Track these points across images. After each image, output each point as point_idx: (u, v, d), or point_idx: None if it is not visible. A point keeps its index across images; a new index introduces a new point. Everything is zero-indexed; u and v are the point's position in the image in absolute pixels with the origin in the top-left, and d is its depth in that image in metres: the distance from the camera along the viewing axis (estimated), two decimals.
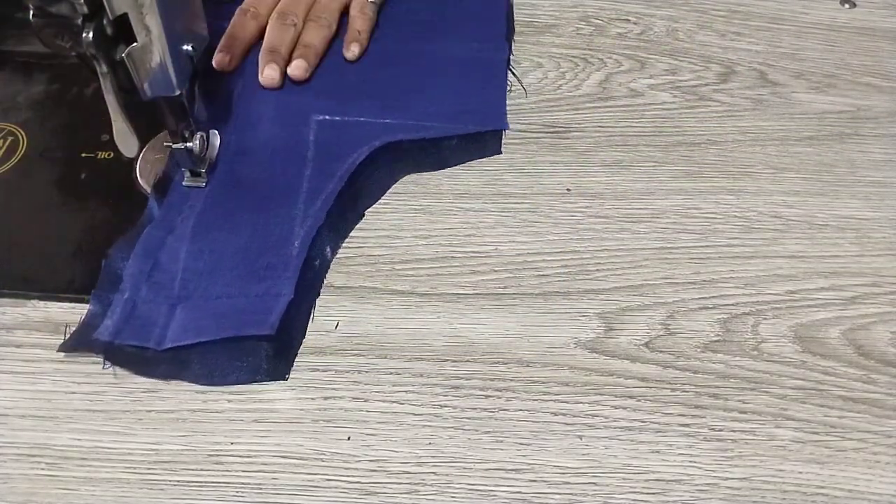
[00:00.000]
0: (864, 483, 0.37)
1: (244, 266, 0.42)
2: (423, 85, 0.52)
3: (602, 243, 0.45)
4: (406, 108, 0.50)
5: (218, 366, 0.40)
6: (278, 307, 0.40)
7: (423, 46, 0.55)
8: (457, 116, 0.50)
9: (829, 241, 0.46)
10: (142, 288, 0.41)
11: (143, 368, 0.40)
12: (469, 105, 0.51)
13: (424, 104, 0.50)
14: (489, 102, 0.51)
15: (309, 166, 0.47)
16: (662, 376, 0.40)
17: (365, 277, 0.44)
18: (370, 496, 0.36)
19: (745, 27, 0.58)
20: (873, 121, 0.52)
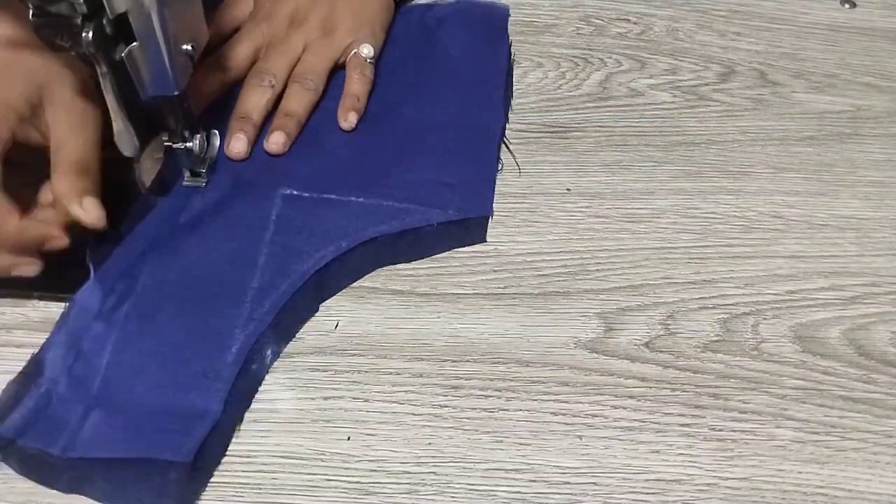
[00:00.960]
0: (864, 483, 0.37)
1: (173, 369, 0.38)
2: (405, 157, 0.47)
3: (602, 243, 0.45)
4: (383, 184, 0.45)
5: (121, 483, 0.35)
6: (199, 431, 0.36)
7: (409, 111, 0.50)
8: (438, 197, 0.45)
9: (829, 241, 0.46)
10: (60, 381, 0.37)
11: (41, 475, 0.36)
12: (453, 185, 0.46)
13: (404, 181, 0.45)
14: (475, 183, 0.46)
15: (264, 253, 0.42)
16: (662, 376, 0.40)
17: (365, 277, 0.44)
18: (370, 496, 0.36)
19: (745, 27, 0.58)
20: (873, 121, 0.52)
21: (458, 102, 0.50)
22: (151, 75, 0.40)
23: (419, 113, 0.50)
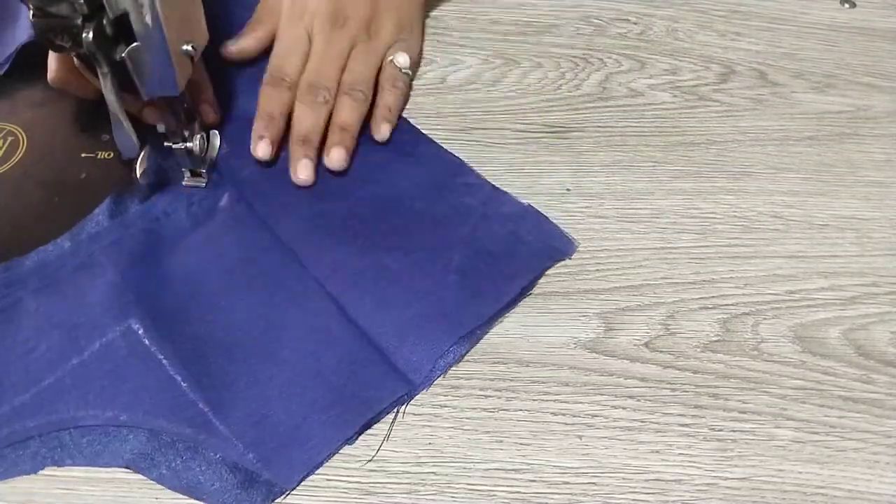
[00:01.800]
0: (863, 483, 0.37)
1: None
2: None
3: (602, 243, 0.45)
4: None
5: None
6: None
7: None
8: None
9: (829, 241, 0.46)
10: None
11: None
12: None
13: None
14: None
15: None
16: (662, 376, 0.40)
17: None
18: (370, 496, 0.36)
19: (745, 27, 0.58)
20: (873, 121, 0.52)
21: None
22: (151, 75, 0.40)
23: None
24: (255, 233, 0.44)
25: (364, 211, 0.45)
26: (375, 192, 0.46)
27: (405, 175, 0.47)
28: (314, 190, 0.46)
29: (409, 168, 0.47)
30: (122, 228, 0.44)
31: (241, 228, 0.44)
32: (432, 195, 0.46)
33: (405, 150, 0.48)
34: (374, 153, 0.48)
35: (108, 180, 0.47)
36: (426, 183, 0.46)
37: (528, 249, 0.44)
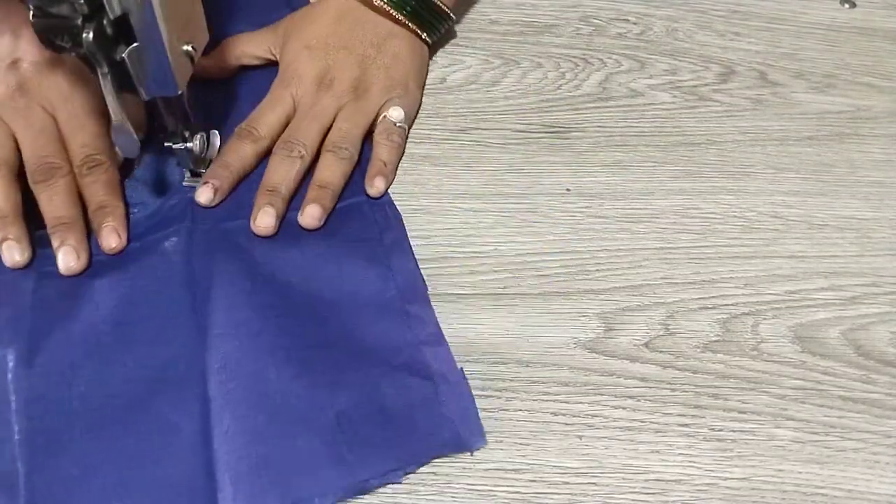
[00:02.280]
0: (863, 483, 0.37)
1: None
2: None
3: (602, 243, 0.45)
4: None
5: None
6: None
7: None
8: None
9: (829, 241, 0.46)
10: None
11: None
12: None
13: None
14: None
15: None
16: (662, 376, 0.40)
17: None
18: (370, 496, 0.36)
19: (744, 27, 0.58)
20: (873, 121, 0.52)
21: None
22: (151, 75, 0.40)
23: None
24: (176, 292, 0.41)
25: (292, 304, 0.41)
26: (313, 288, 0.42)
27: (355, 281, 0.42)
28: (257, 260, 0.43)
29: (360, 273, 0.43)
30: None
31: (163, 285, 0.42)
32: (370, 315, 0.41)
33: (373, 255, 0.43)
34: (335, 246, 0.44)
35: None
36: (373, 299, 0.42)
37: (429, 428, 0.37)
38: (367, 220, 0.45)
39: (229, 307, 0.40)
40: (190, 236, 0.43)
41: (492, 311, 0.42)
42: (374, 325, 0.41)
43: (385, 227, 0.45)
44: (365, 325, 0.41)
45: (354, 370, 0.39)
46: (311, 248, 0.44)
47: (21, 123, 0.44)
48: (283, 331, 0.40)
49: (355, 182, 0.47)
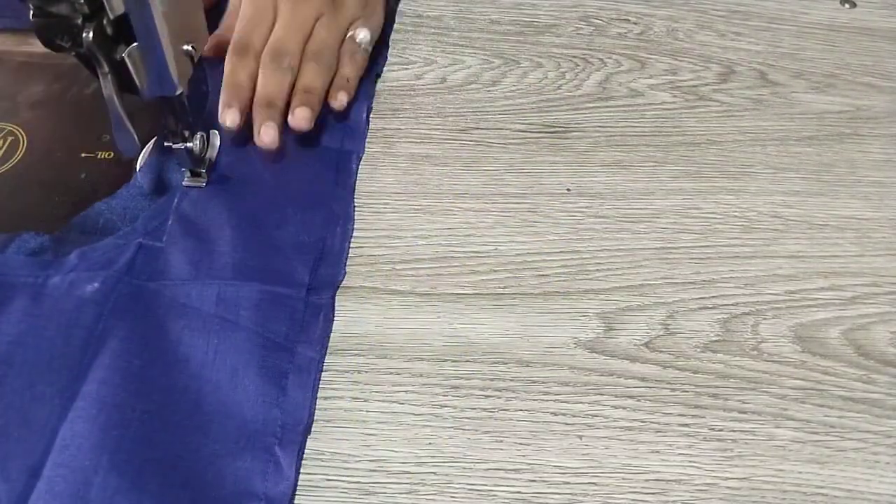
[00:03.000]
0: (863, 483, 0.37)
1: None
2: None
3: (602, 243, 0.45)
4: None
5: None
6: None
7: None
8: None
9: (829, 241, 0.46)
10: None
11: None
12: None
13: None
14: None
15: None
16: (662, 376, 0.40)
17: (365, 277, 0.44)
18: (370, 496, 0.36)
19: (744, 27, 0.58)
20: (873, 121, 0.52)
21: None
22: (151, 75, 0.40)
23: None
24: (68, 348, 0.39)
25: (164, 406, 0.37)
26: (192, 397, 0.38)
27: (239, 403, 0.38)
28: (166, 338, 0.40)
29: (250, 398, 0.38)
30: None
31: (59, 336, 0.40)
32: (233, 452, 0.37)
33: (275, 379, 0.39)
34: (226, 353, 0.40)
35: (108, 180, 0.47)
36: (245, 430, 0.38)
37: None
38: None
39: (103, 381, 0.37)
40: (112, 288, 0.41)
41: (492, 311, 0.42)
42: (232, 464, 0.36)
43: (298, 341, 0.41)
44: (223, 464, 0.36)
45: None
46: (217, 345, 0.40)
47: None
48: (136, 434, 0.36)
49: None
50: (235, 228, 0.44)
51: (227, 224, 0.44)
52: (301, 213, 0.45)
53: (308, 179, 0.47)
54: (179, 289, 0.41)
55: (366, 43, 0.51)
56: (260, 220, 0.45)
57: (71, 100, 0.50)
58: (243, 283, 0.42)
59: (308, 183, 0.47)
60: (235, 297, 0.41)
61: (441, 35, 0.57)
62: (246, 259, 0.43)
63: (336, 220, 0.45)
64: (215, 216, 0.45)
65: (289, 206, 0.46)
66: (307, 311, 0.41)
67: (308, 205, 0.46)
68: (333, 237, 0.45)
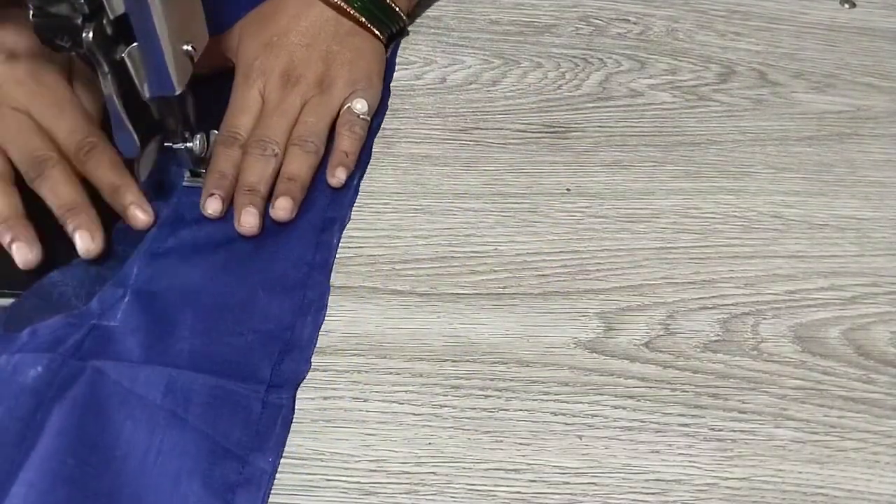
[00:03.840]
0: (863, 483, 0.37)
1: None
2: None
3: (602, 243, 0.45)
4: None
5: None
6: None
7: None
8: None
9: (829, 241, 0.46)
10: None
11: None
12: None
13: None
14: None
15: None
16: (662, 376, 0.40)
17: (365, 277, 0.44)
18: (370, 496, 0.36)
19: (744, 27, 0.58)
20: (873, 121, 0.52)
21: None
22: (151, 75, 0.40)
23: None
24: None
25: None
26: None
27: None
28: (104, 432, 0.37)
29: None
30: None
31: None
32: None
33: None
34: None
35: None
36: None
37: None
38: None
39: (31, 484, 0.34)
40: (56, 372, 0.38)
41: (492, 311, 0.42)
42: None
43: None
44: None
45: None
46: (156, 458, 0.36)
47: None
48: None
49: None
50: (197, 309, 0.41)
51: (189, 303, 0.41)
52: (271, 297, 0.42)
53: (283, 257, 0.44)
54: (126, 371, 0.38)
55: (364, 113, 0.49)
56: (225, 301, 0.42)
57: None
58: (197, 373, 0.38)
59: (283, 261, 0.44)
60: (187, 390, 0.38)
61: (441, 35, 0.57)
62: (204, 345, 0.40)
63: (308, 309, 0.42)
64: (176, 293, 0.42)
65: (259, 287, 0.43)
66: (264, 414, 0.38)
67: (280, 288, 0.43)
68: (303, 327, 0.41)
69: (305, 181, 0.46)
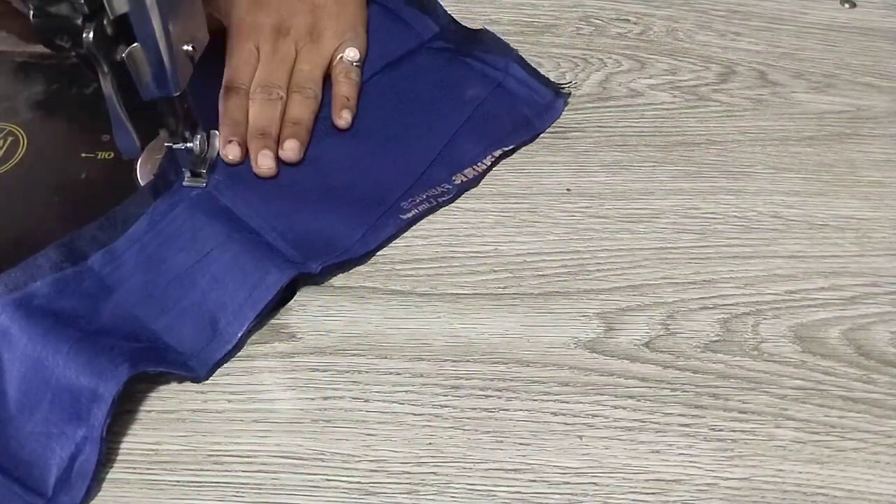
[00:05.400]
0: (864, 483, 0.37)
1: None
2: None
3: (602, 243, 0.45)
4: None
5: None
6: None
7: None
8: None
9: (829, 241, 0.46)
10: None
11: None
12: None
13: None
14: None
15: None
16: (662, 376, 0.40)
17: (365, 277, 0.44)
18: (370, 496, 0.36)
19: (744, 27, 0.58)
20: (873, 121, 0.52)
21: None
22: (151, 76, 0.40)
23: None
24: None
25: None
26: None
27: None
28: None
29: None
30: None
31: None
32: None
33: None
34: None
35: (108, 180, 0.47)
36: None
37: None
38: None
39: None
40: None
41: (492, 311, 0.42)
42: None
43: None
44: None
45: None
46: None
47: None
48: None
49: None
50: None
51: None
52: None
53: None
54: None
55: (356, 61, 0.52)
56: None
57: (71, 100, 0.50)
58: None
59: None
60: None
61: None
62: None
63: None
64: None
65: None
66: None
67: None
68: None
69: (309, 125, 0.49)
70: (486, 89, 0.52)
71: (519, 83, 0.53)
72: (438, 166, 0.48)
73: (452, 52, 0.54)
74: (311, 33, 0.52)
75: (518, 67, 0.53)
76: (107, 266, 0.42)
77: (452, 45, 0.54)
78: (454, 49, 0.54)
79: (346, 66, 0.52)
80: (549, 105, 0.52)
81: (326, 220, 0.45)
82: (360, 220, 0.45)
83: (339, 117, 0.50)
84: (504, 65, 0.53)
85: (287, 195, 0.46)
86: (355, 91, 0.51)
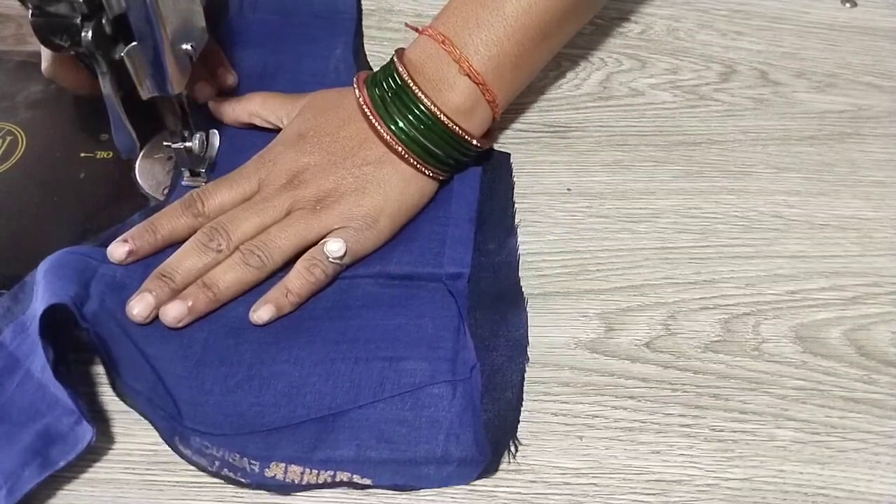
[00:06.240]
0: (864, 484, 0.37)
1: None
2: None
3: (602, 243, 0.45)
4: None
5: None
6: None
7: None
8: None
9: (830, 241, 0.46)
10: None
11: None
12: None
13: None
14: None
15: None
16: (663, 376, 0.40)
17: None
18: (370, 496, 0.36)
19: (746, 26, 0.58)
20: (874, 120, 0.52)
21: None
22: (151, 75, 0.39)
23: None
24: None
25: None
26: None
27: None
28: None
29: None
30: None
31: None
32: None
33: None
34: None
35: (108, 180, 0.47)
36: None
37: None
38: None
39: None
40: None
41: None
42: None
43: None
44: None
45: None
46: None
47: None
48: None
49: None
50: None
51: None
52: None
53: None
54: None
55: (335, 257, 0.41)
56: None
57: (70, 100, 0.50)
58: None
59: None
60: None
61: None
62: None
63: None
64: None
65: None
66: None
67: None
68: None
69: (222, 295, 0.41)
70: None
71: None
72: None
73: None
74: (319, 200, 0.42)
75: None
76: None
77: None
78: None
79: (317, 257, 0.41)
80: None
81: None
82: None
83: (255, 310, 0.41)
84: None
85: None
86: (306, 291, 0.41)
